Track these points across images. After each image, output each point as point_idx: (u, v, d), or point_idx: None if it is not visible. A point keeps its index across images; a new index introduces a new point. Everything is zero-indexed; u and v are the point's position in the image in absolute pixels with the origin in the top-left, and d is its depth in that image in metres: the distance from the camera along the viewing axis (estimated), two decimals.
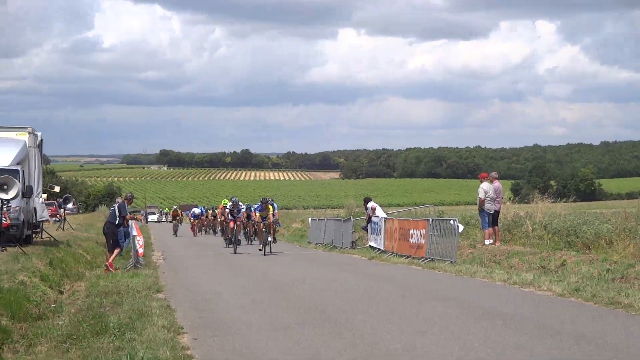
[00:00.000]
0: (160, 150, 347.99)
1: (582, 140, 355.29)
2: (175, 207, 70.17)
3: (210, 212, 62.32)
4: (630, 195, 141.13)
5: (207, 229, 61.04)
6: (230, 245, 36.15)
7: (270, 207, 32.84)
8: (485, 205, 25.09)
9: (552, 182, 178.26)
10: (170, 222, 73.18)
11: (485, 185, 25.51)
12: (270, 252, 31.84)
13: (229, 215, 37.25)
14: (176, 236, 54.96)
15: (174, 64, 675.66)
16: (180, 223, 63.51)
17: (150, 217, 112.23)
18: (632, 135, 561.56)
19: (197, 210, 63.46)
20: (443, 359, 10.17)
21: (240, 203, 38.47)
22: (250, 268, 25.24)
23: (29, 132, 27.81)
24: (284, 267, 25.41)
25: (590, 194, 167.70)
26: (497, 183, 25.89)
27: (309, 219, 45.49)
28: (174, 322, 13.00)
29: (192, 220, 62.05)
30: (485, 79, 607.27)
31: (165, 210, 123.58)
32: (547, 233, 25.29)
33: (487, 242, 24.99)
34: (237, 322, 13.56)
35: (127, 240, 25.78)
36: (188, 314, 14.46)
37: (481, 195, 25.27)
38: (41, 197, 30.44)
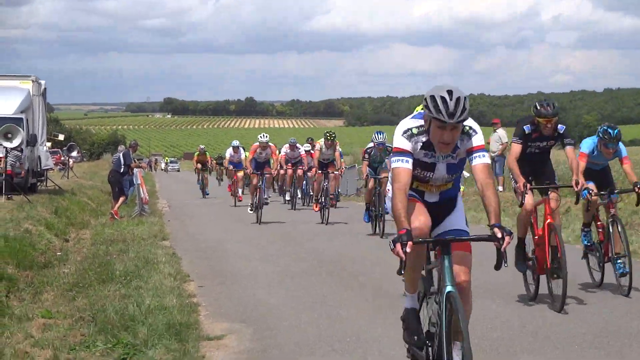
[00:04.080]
0: (165, 99, 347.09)
1: (586, 88, 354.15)
2: (202, 147, 42.20)
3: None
4: (633, 142, 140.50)
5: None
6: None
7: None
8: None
9: None
10: (196, 172, 41.59)
11: (503, 131, 25.72)
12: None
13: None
14: (205, 195, 36.34)
15: (179, 12, 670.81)
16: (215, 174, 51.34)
17: (171, 166, 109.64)
18: (636, 82, 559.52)
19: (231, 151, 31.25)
20: None
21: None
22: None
23: (33, 81, 27.68)
24: (290, 215, 25.35)
25: None
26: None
27: None
28: (180, 270, 12.98)
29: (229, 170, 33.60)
30: (490, 26, 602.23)
31: (165, 160, 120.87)
32: None
33: (499, 188, 25.12)
34: (244, 270, 13.54)
35: (131, 188, 25.74)
36: (194, 262, 14.45)
37: (505, 139, 25.40)
38: (45, 145, 30.40)
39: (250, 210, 23.29)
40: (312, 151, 28.26)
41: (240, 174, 29.21)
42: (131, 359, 7.70)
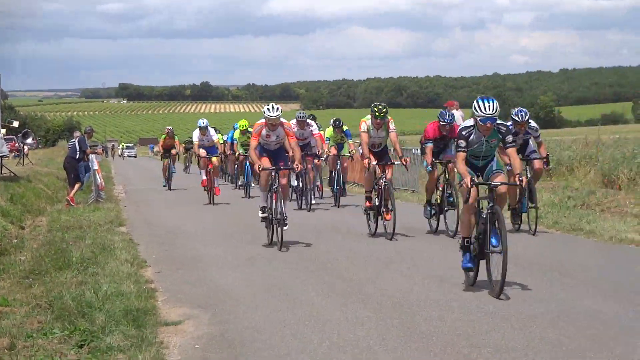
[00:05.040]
0: (120, 84, 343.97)
1: (542, 68, 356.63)
2: (169, 128, 33.34)
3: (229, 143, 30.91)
4: (590, 122, 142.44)
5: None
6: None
7: None
8: None
9: (512, 110, 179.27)
10: (161, 157, 35.87)
11: (458, 113, 25.78)
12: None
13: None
14: (169, 188, 30.39)
15: None
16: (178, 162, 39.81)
17: (127, 152, 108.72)
18: (591, 63, 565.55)
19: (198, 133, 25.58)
20: (403, 286, 10.20)
21: None
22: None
23: None
24: (242, 201, 25.30)
25: (550, 122, 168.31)
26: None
27: None
28: (137, 255, 12.93)
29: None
30: (447, 7, 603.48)
31: (122, 146, 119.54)
32: None
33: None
34: (202, 256, 13.50)
35: (87, 174, 25.52)
36: (151, 248, 14.39)
37: (460, 121, 25.51)
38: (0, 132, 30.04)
39: (262, 213, 14.78)
40: (321, 131, 24.36)
41: (215, 159, 24.71)
42: (89, 345, 7.66)
